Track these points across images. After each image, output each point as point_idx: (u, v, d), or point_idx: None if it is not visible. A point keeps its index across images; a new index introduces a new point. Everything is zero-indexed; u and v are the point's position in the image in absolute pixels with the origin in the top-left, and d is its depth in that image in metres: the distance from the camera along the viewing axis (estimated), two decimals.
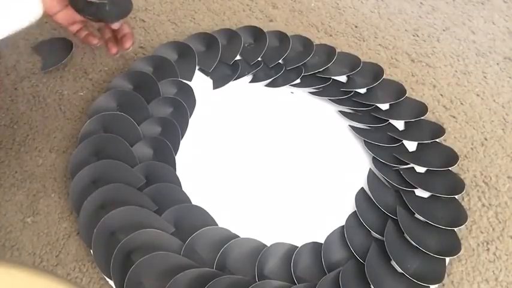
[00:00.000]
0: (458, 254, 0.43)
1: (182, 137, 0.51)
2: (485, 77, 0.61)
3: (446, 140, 0.54)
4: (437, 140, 0.52)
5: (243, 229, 0.45)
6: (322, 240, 0.45)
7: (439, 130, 0.53)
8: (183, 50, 0.58)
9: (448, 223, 0.45)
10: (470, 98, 0.59)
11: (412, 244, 0.44)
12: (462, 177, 0.50)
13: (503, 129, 0.56)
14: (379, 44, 0.64)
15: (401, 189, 0.48)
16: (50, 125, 0.53)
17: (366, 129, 0.54)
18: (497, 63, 0.63)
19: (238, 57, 0.59)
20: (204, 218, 0.45)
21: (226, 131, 0.53)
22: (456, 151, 0.51)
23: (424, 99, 0.57)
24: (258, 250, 0.43)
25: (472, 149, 0.54)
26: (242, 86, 0.58)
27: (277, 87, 0.57)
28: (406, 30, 0.67)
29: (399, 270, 0.43)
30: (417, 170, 0.50)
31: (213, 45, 0.59)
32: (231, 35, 0.60)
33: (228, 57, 0.58)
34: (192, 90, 0.55)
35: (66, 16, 0.46)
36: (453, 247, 0.44)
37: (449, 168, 0.50)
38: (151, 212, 0.44)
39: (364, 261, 0.43)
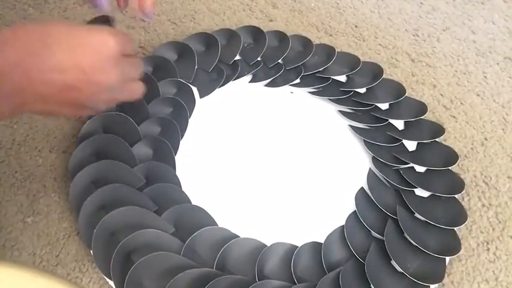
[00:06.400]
0: (458, 253, 0.43)
1: (182, 137, 0.51)
2: (485, 77, 0.61)
3: (446, 139, 0.54)
4: (437, 139, 0.52)
5: (243, 229, 0.45)
6: (322, 240, 0.45)
7: (439, 130, 0.53)
8: (183, 50, 0.58)
9: (448, 222, 0.45)
10: (470, 98, 0.59)
11: (412, 244, 0.44)
12: (462, 177, 0.50)
13: (503, 129, 0.56)
14: (379, 44, 0.64)
15: (401, 188, 0.48)
16: (50, 125, 0.53)
17: (366, 128, 0.54)
18: (497, 63, 0.63)
19: (237, 57, 0.59)
20: (204, 218, 0.45)
21: (226, 131, 0.53)
22: (456, 151, 0.51)
23: (424, 99, 0.57)
24: (258, 250, 0.43)
25: (472, 149, 0.54)
26: (242, 86, 0.58)
27: (277, 87, 0.57)
28: (406, 30, 0.67)
29: (399, 269, 0.43)
30: (417, 170, 0.50)
31: (213, 45, 0.59)
32: (230, 35, 0.60)
33: (228, 57, 0.58)
34: (192, 90, 0.55)
35: None
36: (453, 246, 0.44)
37: (449, 168, 0.50)
38: (151, 212, 0.44)
39: (364, 261, 0.43)
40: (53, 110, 0.33)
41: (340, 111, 0.56)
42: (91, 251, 0.42)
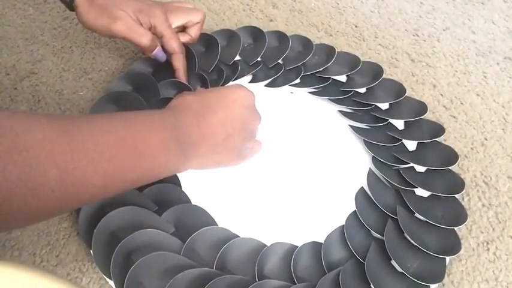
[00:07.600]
0: (459, 253, 0.43)
1: None
2: (485, 76, 0.61)
3: (446, 139, 0.54)
4: (437, 139, 0.52)
5: (243, 229, 0.45)
6: (322, 240, 0.45)
7: (439, 129, 0.53)
8: None
9: (448, 222, 0.45)
10: (470, 97, 0.59)
11: (412, 243, 0.44)
12: (462, 177, 0.50)
13: (503, 129, 0.56)
14: (379, 44, 0.64)
15: (401, 188, 0.48)
16: None
17: (366, 128, 0.54)
18: (497, 63, 0.63)
19: (237, 58, 0.59)
20: (204, 218, 0.45)
21: None
22: (456, 151, 0.51)
23: (424, 99, 0.57)
24: (258, 250, 0.43)
25: (472, 149, 0.54)
26: None
27: (277, 87, 0.57)
28: (406, 30, 0.67)
29: (399, 269, 0.43)
30: (417, 170, 0.50)
31: (213, 46, 0.59)
32: (230, 35, 0.60)
33: (228, 57, 0.58)
34: (192, 91, 0.55)
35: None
36: (453, 246, 0.44)
37: (449, 168, 0.50)
38: (151, 212, 0.44)
39: (364, 261, 0.43)
40: (219, 160, 0.42)
41: (340, 111, 0.56)
42: (91, 251, 0.42)
